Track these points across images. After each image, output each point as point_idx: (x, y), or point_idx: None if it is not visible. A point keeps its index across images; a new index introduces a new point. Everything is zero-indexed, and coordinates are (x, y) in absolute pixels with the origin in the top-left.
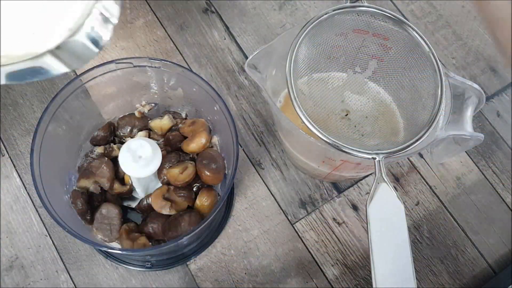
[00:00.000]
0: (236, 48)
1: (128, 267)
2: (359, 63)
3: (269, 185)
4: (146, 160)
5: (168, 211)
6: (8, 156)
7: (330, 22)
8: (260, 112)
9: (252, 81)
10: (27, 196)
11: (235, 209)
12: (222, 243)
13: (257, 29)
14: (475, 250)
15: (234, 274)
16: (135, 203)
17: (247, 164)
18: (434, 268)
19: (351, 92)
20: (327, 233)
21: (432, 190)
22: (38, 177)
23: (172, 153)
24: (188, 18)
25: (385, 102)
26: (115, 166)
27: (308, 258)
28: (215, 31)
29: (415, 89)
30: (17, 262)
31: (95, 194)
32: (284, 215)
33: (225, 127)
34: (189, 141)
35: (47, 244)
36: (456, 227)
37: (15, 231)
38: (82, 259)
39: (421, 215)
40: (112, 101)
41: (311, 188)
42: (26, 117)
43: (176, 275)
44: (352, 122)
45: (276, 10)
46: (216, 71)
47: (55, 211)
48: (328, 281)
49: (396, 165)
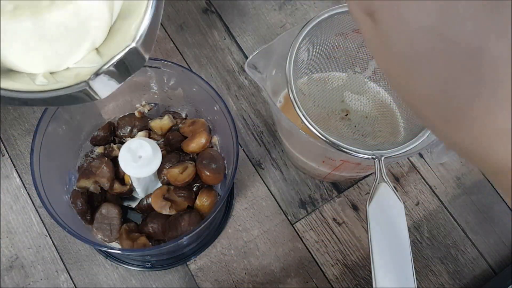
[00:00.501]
0: (236, 48)
1: (128, 267)
2: (359, 63)
3: (269, 185)
4: (146, 160)
5: (168, 211)
6: (8, 156)
7: (330, 22)
8: (260, 112)
9: (252, 81)
10: (27, 196)
11: (235, 209)
12: (222, 243)
13: (257, 29)
14: (475, 250)
15: (234, 274)
16: (135, 203)
17: (247, 164)
18: (434, 268)
19: (351, 92)
20: (327, 233)
21: (432, 190)
22: (38, 177)
23: (172, 153)
24: (188, 18)
25: (385, 102)
26: (115, 166)
27: (308, 258)
28: (215, 31)
29: None
30: (17, 262)
31: (95, 194)
32: (284, 215)
33: (225, 127)
34: (189, 141)
35: (47, 244)
36: (456, 227)
37: (15, 231)
38: (82, 259)
39: (421, 215)
40: (112, 101)
41: (311, 188)
42: (26, 117)
43: (176, 275)
44: (352, 122)
45: (276, 10)
46: (216, 71)
47: (55, 211)
48: (328, 281)
49: (396, 165)
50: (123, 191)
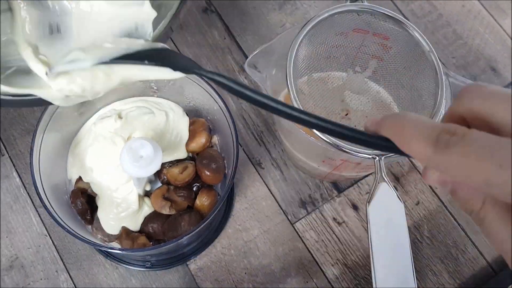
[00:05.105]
0: (236, 47)
1: (128, 267)
2: (359, 62)
3: (269, 185)
4: (147, 160)
5: (168, 211)
6: (8, 155)
7: (330, 21)
8: (260, 112)
9: (252, 80)
10: (27, 196)
11: (235, 209)
12: (222, 243)
13: (257, 28)
14: (475, 249)
15: (234, 274)
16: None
17: (247, 164)
18: (434, 268)
19: (351, 92)
20: (327, 233)
21: (432, 189)
22: (38, 177)
23: None
24: (188, 17)
25: (385, 102)
26: None
27: (308, 258)
28: (215, 30)
29: (415, 88)
30: (17, 262)
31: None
32: (284, 215)
33: (225, 127)
34: (189, 140)
35: (47, 244)
36: (456, 226)
37: (15, 231)
38: (82, 259)
39: (421, 214)
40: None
41: (311, 188)
42: (25, 117)
43: (176, 275)
44: (352, 122)
45: (276, 10)
46: (216, 70)
47: (55, 211)
48: (328, 281)
49: (396, 165)
50: None
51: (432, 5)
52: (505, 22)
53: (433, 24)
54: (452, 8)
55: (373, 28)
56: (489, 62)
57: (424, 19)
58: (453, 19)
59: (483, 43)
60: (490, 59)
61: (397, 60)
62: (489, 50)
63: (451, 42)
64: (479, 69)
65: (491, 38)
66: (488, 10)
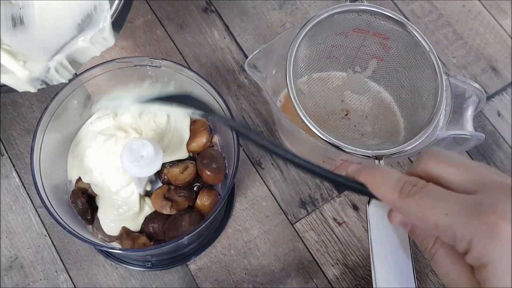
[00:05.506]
0: (236, 47)
1: (128, 267)
2: (359, 62)
3: (269, 185)
4: (148, 160)
5: (169, 211)
6: (7, 156)
7: (330, 21)
8: (260, 112)
9: (252, 80)
10: (27, 196)
11: (235, 209)
12: (222, 243)
13: (257, 28)
14: None
15: (234, 274)
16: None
17: (247, 164)
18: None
19: (351, 92)
20: (327, 233)
21: None
22: (38, 177)
23: None
24: (188, 17)
25: (385, 102)
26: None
27: (308, 258)
28: (215, 30)
29: (415, 88)
30: (17, 262)
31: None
32: (284, 215)
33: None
34: (190, 140)
35: (47, 244)
36: None
37: (14, 231)
38: (81, 259)
39: None
40: None
41: (311, 188)
42: (25, 117)
43: (176, 275)
44: (352, 122)
45: (276, 10)
46: (216, 70)
47: (55, 211)
48: (328, 281)
49: (396, 165)
50: None
51: (433, 5)
52: (506, 22)
53: (433, 24)
54: (452, 8)
55: (373, 28)
56: (489, 62)
57: (424, 19)
58: (454, 19)
59: (483, 43)
60: (490, 59)
61: (397, 60)
62: (489, 50)
63: (451, 42)
64: (479, 69)
65: (492, 38)
66: (488, 10)
